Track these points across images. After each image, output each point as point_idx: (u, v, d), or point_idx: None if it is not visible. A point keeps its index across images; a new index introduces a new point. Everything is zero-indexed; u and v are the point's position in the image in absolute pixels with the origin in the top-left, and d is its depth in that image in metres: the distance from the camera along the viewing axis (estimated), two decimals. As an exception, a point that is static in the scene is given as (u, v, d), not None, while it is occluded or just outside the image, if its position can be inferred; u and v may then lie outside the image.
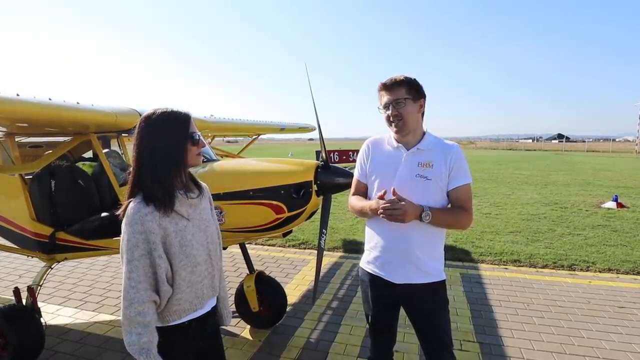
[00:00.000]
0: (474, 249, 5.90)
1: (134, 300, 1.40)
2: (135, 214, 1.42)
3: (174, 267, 1.48)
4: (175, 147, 1.49)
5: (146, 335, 1.41)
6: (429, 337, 1.99)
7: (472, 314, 3.82)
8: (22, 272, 5.08)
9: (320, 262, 2.91)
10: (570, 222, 7.57)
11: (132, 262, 1.41)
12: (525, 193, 11.46)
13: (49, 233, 3.27)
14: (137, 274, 1.40)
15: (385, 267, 1.96)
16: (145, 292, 1.41)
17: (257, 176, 2.99)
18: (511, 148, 56.23)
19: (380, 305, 2.05)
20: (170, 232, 1.46)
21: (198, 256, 1.55)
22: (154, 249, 1.42)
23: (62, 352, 3.21)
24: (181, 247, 1.49)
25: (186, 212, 1.53)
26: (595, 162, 25.65)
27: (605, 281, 4.67)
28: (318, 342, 3.34)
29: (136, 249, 1.41)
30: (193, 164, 1.57)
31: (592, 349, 3.18)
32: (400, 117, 1.86)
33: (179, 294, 1.50)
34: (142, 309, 1.40)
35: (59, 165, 3.39)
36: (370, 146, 2.07)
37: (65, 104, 2.60)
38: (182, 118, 1.52)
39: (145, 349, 1.40)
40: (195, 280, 1.55)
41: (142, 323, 1.40)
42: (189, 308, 1.55)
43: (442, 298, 1.98)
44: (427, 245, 1.91)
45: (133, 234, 1.41)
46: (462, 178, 1.89)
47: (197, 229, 1.56)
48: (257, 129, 6.13)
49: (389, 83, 1.88)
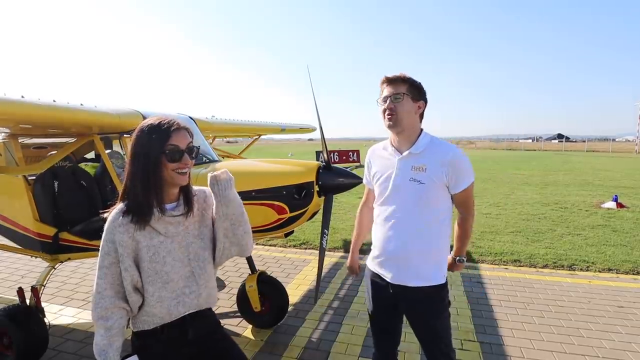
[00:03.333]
0: (474, 249, 5.91)
1: (97, 305, 1.45)
2: (110, 223, 1.45)
3: (143, 281, 1.48)
4: (149, 162, 1.40)
5: (106, 338, 1.44)
6: (425, 340, 2.01)
7: (473, 313, 3.84)
8: (25, 272, 5.10)
9: (322, 262, 2.93)
10: (570, 222, 7.58)
11: (101, 269, 1.45)
12: (525, 193, 11.48)
13: (53, 233, 3.29)
14: (105, 280, 1.45)
15: (383, 265, 2.01)
16: (109, 299, 1.45)
17: (259, 177, 3.01)
18: (511, 148, 56.22)
19: (379, 301, 2.08)
20: (142, 246, 1.45)
21: (172, 273, 1.49)
22: (120, 261, 1.44)
23: (66, 352, 3.23)
24: (150, 262, 1.46)
25: (164, 229, 1.48)
26: (595, 162, 25.66)
27: (605, 281, 4.69)
28: (320, 342, 3.36)
29: (107, 257, 1.45)
30: (174, 182, 1.45)
31: (592, 349, 3.19)
32: (394, 112, 1.84)
33: (147, 307, 1.50)
34: (104, 314, 1.45)
35: (62, 166, 3.41)
36: (371, 153, 2.14)
37: (68, 105, 2.62)
38: (160, 131, 1.41)
39: (104, 351, 1.44)
40: (167, 297, 1.50)
41: (104, 326, 1.45)
42: (159, 322, 1.53)
43: (439, 304, 1.94)
44: (423, 249, 1.89)
45: (105, 242, 1.45)
46: (466, 181, 1.88)
47: (176, 246, 1.50)
48: (258, 129, 6.16)
49: (393, 77, 1.87)
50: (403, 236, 1.91)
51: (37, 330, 3.02)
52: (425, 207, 1.88)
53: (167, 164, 1.41)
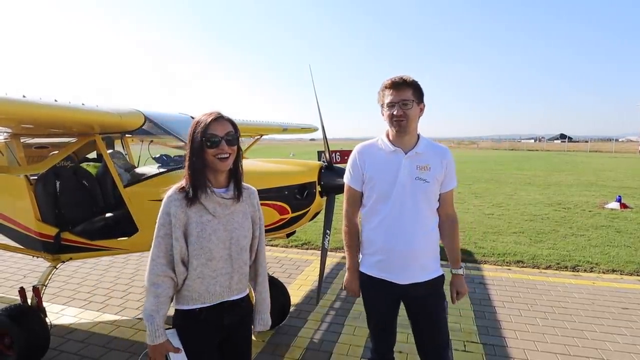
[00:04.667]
0: (477, 249, 5.89)
1: (151, 271, 1.58)
2: (167, 197, 1.61)
3: (189, 255, 1.60)
4: (193, 150, 1.60)
5: (155, 304, 1.56)
6: (430, 334, 2.02)
7: (476, 314, 3.82)
8: (27, 272, 5.11)
9: (324, 262, 2.92)
10: (574, 223, 7.55)
11: (157, 238, 1.59)
12: (527, 193, 11.44)
13: (54, 233, 3.28)
14: (159, 249, 1.58)
15: (389, 269, 1.97)
16: (161, 266, 1.58)
17: (261, 177, 2.99)
18: (513, 148, 56.07)
19: (384, 307, 2.07)
20: (192, 221, 1.59)
21: (215, 251, 1.62)
22: (173, 232, 1.58)
23: (67, 352, 3.22)
24: (198, 237, 1.59)
25: (212, 209, 1.62)
26: (598, 162, 25.57)
27: (609, 282, 4.66)
28: (321, 343, 3.35)
29: (162, 227, 1.59)
30: (215, 167, 1.62)
31: (596, 350, 3.17)
32: (404, 118, 1.87)
33: (189, 281, 1.62)
34: (156, 281, 1.57)
35: (63, 166, 3.41)
36: (363, 153, 2.04)
37: (70, 105, 2.61)
38: (201, 121, 1.61)
39: (151, 316, 1.55)
40: (208, 275, 1.63)
41: (154, 293, 1.57)
42: (197, 299, 1.64)
43: (441, 293, 2.05)
44: (428, 244, 1.98)
45: (162, 214, 1.60)
46: (452, 182, 2.04)
47: (221, 227, 1.64)
48: (260, 129, 6.15)
49: (399, 81, 1.86)
50: (409, 234, 1.93)
51: (39, 330, 3.02)
52: (428, 204, 1.98)
53: (207, 150, 1.59)
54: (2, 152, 3.50)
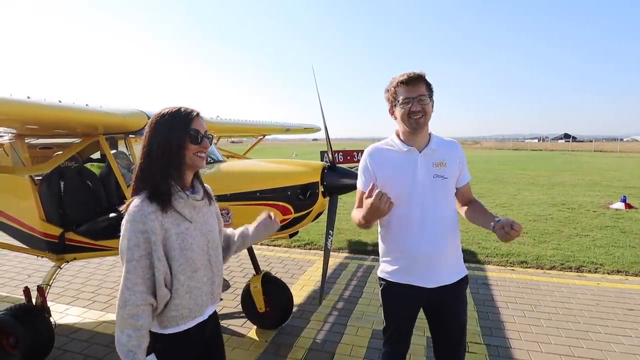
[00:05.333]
0: (480, 250, 5.87)
1: (128, 302, 1.36)
2: (137, 212, 1.37)
3: (173, 271, 1.44)
4: (173, 145, 1.44)
5: (135, 339, 1.36)
6: (453, 336, 1.96)
7: (479, 315, 3.80)
8: (32, 271, 5.14)
9: (327, 263, 2.92)
10: (578, 223, 7.50)
11: (131, 262, 1.36)
12: (531, 194, 11.38)
13: (59, 233, 3.31)
14: (135, 275, 1.36)
15: (415, 272, 1.88)
16: (140, 294, 1.37)
17: (264, 177, 3.00)
18: (517, 148, 55.83)
19: (407, 313, 1.98)
20: (171, 234, 1.42)
21: (197, 261, 1.51)
22: (154, 250, 1.38)
23: (71, 351, 3.24)
24: (182, 250, 1.44)
25: (189, 214, 1.49)
26: (602, 162, 25.40)
27: (614, 283, 4.63)
28: (324, 343, 3.35)
29: (137, 249, 1.36)
30: (193, 165, 1.51)
31: (601, 352, 3.15)
32: (423, 113, 1.80)
33: (177, 299, 1.45)
34: (136, 312, 1.36)
35: (67, 166, 3.43)
36: (374, 155, 1.95)
37: (74, 106, 2.62)
38: (182, 116, 1.48)
39: (132, 352, 1.36)
40: (195, 286, 1.51)
41: (134, 326, 1.36)
42: (187, 315, 1.50)
43: (465, 295, 2.00)
44: (452, 243, 1.92)
45: (134, 232, 1.36)
46: (468, 175, 2.02)
47: (198, 233, 1.52)
48: (263, 129, 6.16)
49: (414, 77, 1.80)
50: (434, 234, 1.85)
51: (43, 330, 3.04)
52: (448, 201, 1.94)
53: (190, 146, 1.46)
54: (7, 152, 3.52)
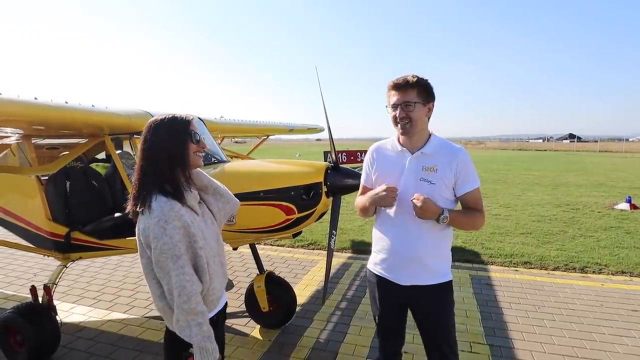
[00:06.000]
0: (484, 250, 5.86)
1: (192, 293, 1.44)
2: (170, 210, 1.46)
3: (207, 259, 1.57)
4: (176, 147, 1.56)
5: (206, 324, 1.47)
6: (435, 337, 2.00)
7: (482, 316, 3.80)
8: (38, 270, 5.19)
9: (330, 262, 2.93)
10: (582, 224, 7.47)
11: (181, 258, 1.45)
12: (535, 194, 11.34)
13: (64, 233, 3.34)
14: (189, 267, 1.47)
15: (392, 269, 1.98)
16: (197, 283, 1.48)
17: (267, 177, 3.02)
18: (521, 148, 55.55)
19: (387, 306, 2.06)
20: (194, 226, 1.55)
21: (213, 248, 1.65)
22: (194, 241, 1.49)
23: (77, 350, 3.28)
24: (204, 239, 1.57)
25: (196, 207, 1.63)
26: (608, 162, 25.24)
27: (619, 284, 4.61)
28: (327, 343, 3.36)
29: (181, 244, 1.45)
30: (194, 164, 1.63)
31: (605, 353, 3.14)
32: (408, 120, 1.84)
33: (212, 283, 1.60)
34: (199, 300, 1.47)
35: (73, 166, 3.46)
36: (375, 152, 2.07)
37: (80, 107, 2.66)
38: (181, 121, 1.60)
39: (208, 336, 1.46)
40: (216, 271, 1.65)
41: (202, 313, 1.47)
42: (219, 297, 1.65)
43: (448, 299, 1.99)
44: (432, 246, 1.92)
45: (175, 229, 1.45)
46: (471, 183, 1.91)
47: (209, 225, 1.67)
48: (266, 130, 6.18)
49: (402, 83, 1.83)
50: (413, 236, 1.90)
51: (49, 328, 3.07)
52: None
53: (191, 146, 1.58)
54: (14, 153, 3.57)
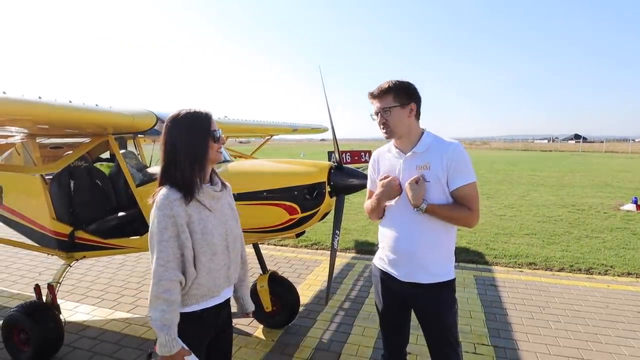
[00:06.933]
0: (488, 251, 5.82)
1: (162, 277, 1.51)
2: (164, 199, 1.56)
3: (195, 252, 1.60)
4: (198, 144, 1.62)
5: (169, 313, 1.51)
6: (435, 336, 2.01)
7: (487, 317, 3.77)
8: (42, 269, 5.21)
9: (334, 263, 2.92)
10: (588, 225, 7.41)
11: (161, 243, 1.53)
12: (540, 195, 11.27)
13: (69, 232, 3.35)
14: (166, 253, 1.53)
15: (393, 264, 2.02)
16: (172, 271, 1.53)
17: (270, 177, 3.01)
18: (526, 149, 55.23)
19: (389, 300, 2.10)
20: (194, 219, 1.59)
21: (217, 245, 1.66)
22: (181, 232, 1.55)
23: (81, 348, 3.29)
24: (203, 234, 1.61)
25: (209, 204, 1.65)
26: (613, 163, 25.03)
27: (625, 285, 4.56)
28: (330, 343, 3.35)
29: (165, 231, 1.53)
30: (214, 160, 1.69)
31: (611, 355, 3.11)
32: (387, 125, 1.92)
33: (199, 278, 1.62)
34: (169, 287, 1.52)
35: (77, 165, 3.48)
36: (377, 157, 2.17)
37: (84, 106, 2.66)
38: (204, 117, 1.65)
39: (167, 326, 1.50)
40: (214, 268, 1.66)
41: (167, 300, 1.51)
42: (206, 294, 1.66)
43: (449, 298, 1.98)
44: (432, 245, 1.92)
45: (163, 217, 1.54)
46: (463, 178, 1.86)
47: (217, 221, 1.68)
48: (270, 129, 6.17)
49: (377, 92, 1.92)
50: (412, 234, 1.94)
51: (53, 327, 3.08)
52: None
53: (212, 145, 1.65)
54: (18, 152, 3.58)
